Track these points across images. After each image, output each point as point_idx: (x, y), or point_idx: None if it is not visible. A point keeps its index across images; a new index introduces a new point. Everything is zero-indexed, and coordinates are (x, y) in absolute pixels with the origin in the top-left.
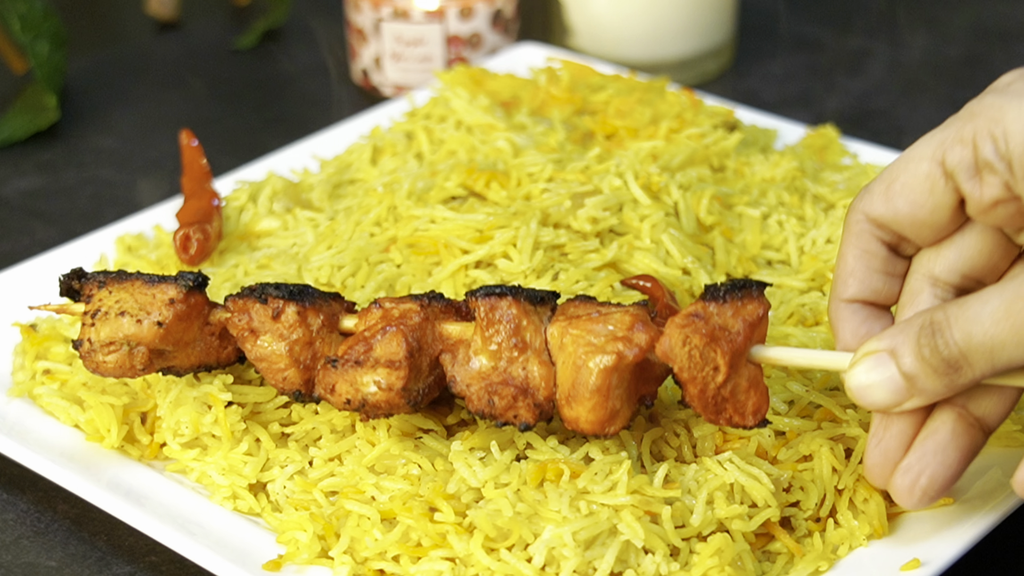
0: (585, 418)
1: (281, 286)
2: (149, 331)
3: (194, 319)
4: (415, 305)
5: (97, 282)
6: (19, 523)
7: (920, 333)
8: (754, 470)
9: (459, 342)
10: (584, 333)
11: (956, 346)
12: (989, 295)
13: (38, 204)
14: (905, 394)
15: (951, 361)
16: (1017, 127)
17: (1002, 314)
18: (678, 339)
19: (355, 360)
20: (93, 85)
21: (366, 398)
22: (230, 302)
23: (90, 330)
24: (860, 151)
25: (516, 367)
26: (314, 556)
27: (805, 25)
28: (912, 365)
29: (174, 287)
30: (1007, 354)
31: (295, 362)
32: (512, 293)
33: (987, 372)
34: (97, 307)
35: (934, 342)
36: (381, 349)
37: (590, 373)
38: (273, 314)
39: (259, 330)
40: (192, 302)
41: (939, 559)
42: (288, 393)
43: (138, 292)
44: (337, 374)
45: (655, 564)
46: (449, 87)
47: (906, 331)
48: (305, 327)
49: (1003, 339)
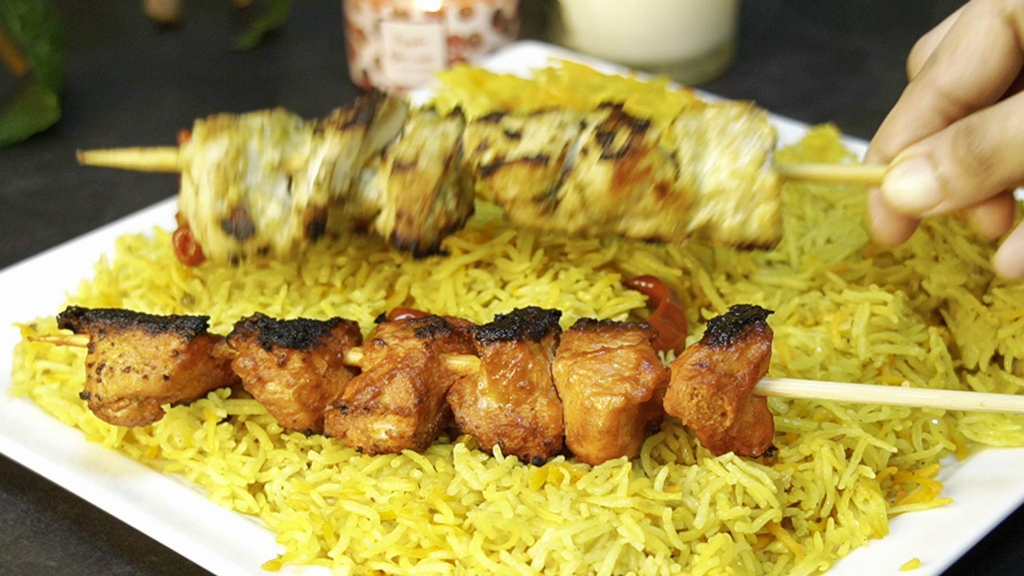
0: (596, 456)
1: (284, 331)
2: (156, 385)
3: (198, 361)
4: (419, 343)
5: (98, 329)
6: (19, 523)
7: (956, 135)
8: (756, 471)
9: (465, 378)
10: (591, 373)
11: (990, 142)
12: (1021, 97)
13: (38, 204)
14: (938, 196)
15: (984, 158)
16: None
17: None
18: (686, 393)
19: (364, 406)
20: (93, 85)
21: (377, 444)
22: (233, 341)
23: (97, 385)
24: (860, 151)
25: (524, 408)
26: (313, 556)
27: (805, 25)
28: (948, 166)
29: (176, 337)
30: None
31: (304, 406)
32: (516, 335)
33: (1018, 170)
34: (101, 361)
35: (969, 140)
36: (390, 396)
37: (599, 415)
38: (279, 362)
39: (266, 378)
40: (195, 348)
41: (939, 559)
42: (299, 431)
43: (140, 344)
44: (347, 420)
45: (656, 567)
46: (449, 87)
47: (943, 135)
48: (312, 372)
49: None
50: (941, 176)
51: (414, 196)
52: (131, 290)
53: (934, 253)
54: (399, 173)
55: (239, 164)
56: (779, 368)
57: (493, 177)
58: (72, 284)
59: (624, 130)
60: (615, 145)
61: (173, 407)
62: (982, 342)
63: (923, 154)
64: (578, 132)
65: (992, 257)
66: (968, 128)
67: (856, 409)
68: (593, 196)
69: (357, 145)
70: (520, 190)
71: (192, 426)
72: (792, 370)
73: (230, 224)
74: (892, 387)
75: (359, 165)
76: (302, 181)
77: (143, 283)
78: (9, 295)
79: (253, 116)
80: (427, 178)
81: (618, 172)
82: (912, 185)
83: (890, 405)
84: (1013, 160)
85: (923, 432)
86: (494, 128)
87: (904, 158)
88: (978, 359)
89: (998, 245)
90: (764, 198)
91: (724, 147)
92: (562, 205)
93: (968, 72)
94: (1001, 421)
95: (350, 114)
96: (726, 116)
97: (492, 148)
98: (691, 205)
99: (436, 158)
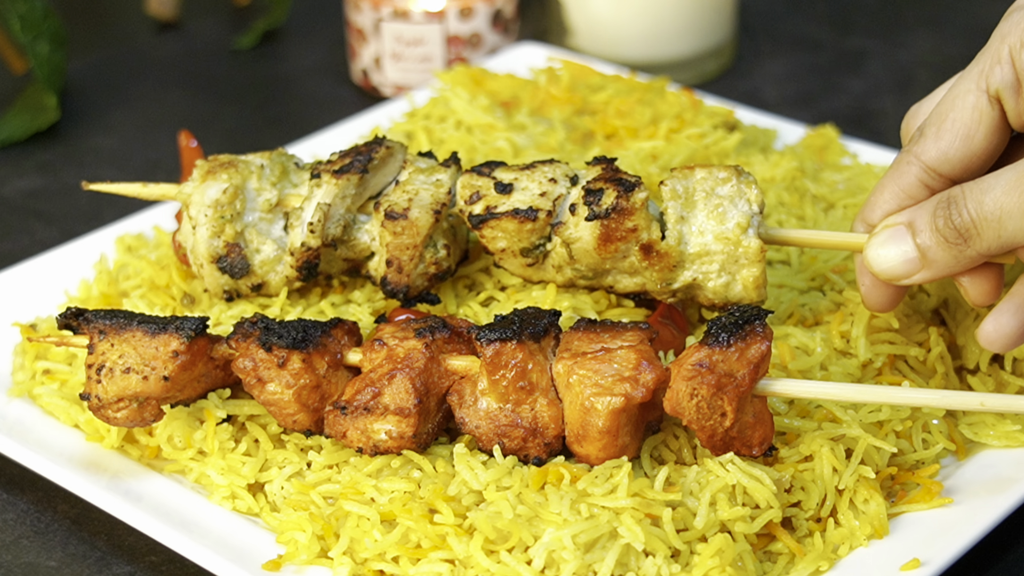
0: (596, 456)
1: (284, 332)
2: (156, 386)
3: (198, 362)
4: (419, 344)
5: (97, 330)
6: (19, 523)
7: (937, 207)
8: (756, 471)
9: (465, 379)
10: (591, 373)
11: (968, 214)
12: (1002, 171)
13: (38, 204)
14: (916, 265)
15: (962, 230)
16: None
17: (1012, 185)
18: (685, 393)
19: (364, 407)
20: (93, 85)
21: (377, 444)
22: (233, 341)
23: (97, 386)
24: (860, 151)
25: (524, 408)
26: (313, 556)
27: (805, 25)
28: (927, 236)
29: (176, 338)
30: (1013, 224)
31: (304, 407)
32: (516, 335)
33: (993, 244)
34: (101, 362)
35: (948, 212)
36: (390, 397)
37: (599, 416)
38: (279, 363)
39: (266, 378)
40: (195, 349)
41: (939, 559)
42: (299, 432)
43: (140, 345)
44: (347, 421)
45: (656, 567)
46: (449, 87)
47: (925, 206)
48: (312, 373)
49: (1010, 209)
50: (920, 246)
51: (404, 245)
52: (131, 290)
53: None
54: (390, 222)
55: (237, 204)
56: (779, 368)
57: (483, 228)
58: (72, 284)
59: (611, 190)
60: (602, 204)
61: (173, 408)
62: None
63: (903, 223)
64: (568, 188)
65: (974, 331)
66: (948, 200)
67: (856, 409)
68: (580, 252)
69: (352, 191)
70: (509, 242)
71: (192, 426)
72: (792, 370)
73: (225, 262)
74: (892, 387)
75: (353, 210)
76: (297, 224)
77: (143, 283)
78: (9, 295)
79: (254, 155)
80: (418, 228)
81: (604, 231)
82: (892, 253)
83: (890, 405)
84: (990, 234)
85: (923, 432)
86: (486, 180)
87: (886, 226)
88: (978, 359)
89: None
90: (749, 262)
91: (711, 210)
92: (550, 258)
93: (954, 148)
94: (1001, 421)
95: (347, 159)
96: (714, 178)
97: (483, 200)
98: (676, 265)
99: (427, 208)
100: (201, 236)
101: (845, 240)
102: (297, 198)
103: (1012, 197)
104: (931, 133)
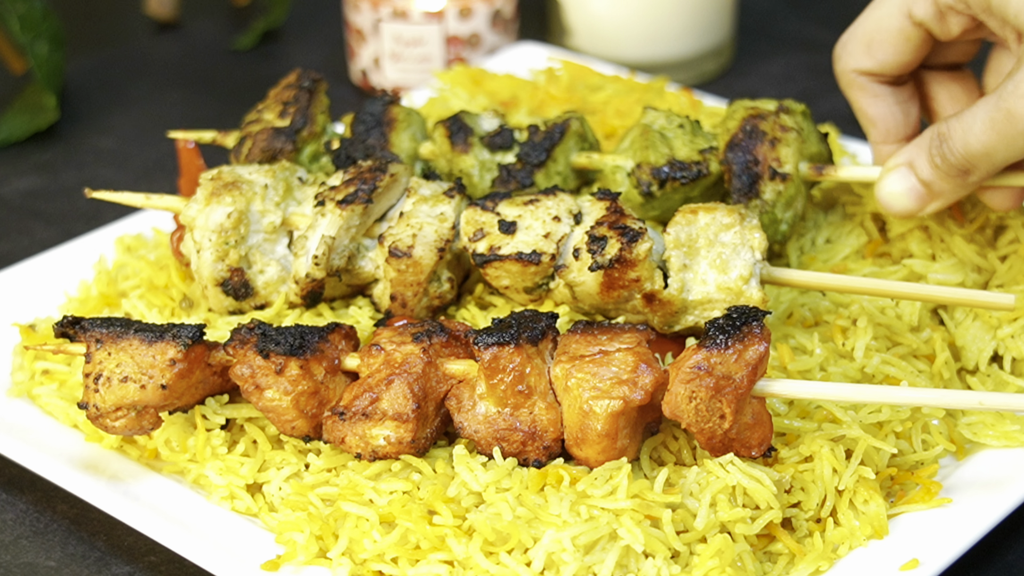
0: (595, 459)
1: (281, 338)
2: (154, 394)
3: (196, 370)
4: (417, 348)
5: (94, 339)
6: (19, 523)
7: (931, 145)
8: (756, 472)
9: (463, 383)
10: (589, 377)
11: (959, 154)
12: (977, 108)
13: (38, 204)
14: (927, 199)
15: (960, 166)
16: None
17: (989, 124)
18: (684, 396)
19: (362, 412)
20: (92, 85)
21: (375, 450)
22: (230, 348)
23: (95, 396)
24: (860, 151)
25: (523, 412)
26: (312, 557)
27: (804, 25)
28: (928, 172)
29: (173, 346)
30: (1001, 156)
31: (302, 413)
32: (514, 339)
33: (991, 170)
34: (99, 371)
35: (942, 151)
36: (388, 402)
37: (597, 419)
38: (276, 369)
39: (263, 385)
40: (192, 357)
41: (939, 559)
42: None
43: (137, 353)
44: (346, 427)
45: (656, 568)
46: (448, 87)
47: (919, 144)
48: (309, 379)
49: (995, 144)
50: (924, 181)
51: (408, 282)
52: (130, 290)
53: (932, 252)
54: (394, 260)
55: (241, 228)
56: (779, 369)
57: (487, 268)
58: (71, 284)
59: (615, 240)
60: (605, 255)
61: (171, 414)
62: (981, 342)
63: (904, 163)
64: (572, 226)
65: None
66: (939, 137)
67: (856, 410)
68: (583, 294)
69: (356, 221)
70: (512, 281)
71: (188, 431)
72: (792, 371)
73: (229, 285)
74: (892, 387)
75: (358, 239)
76: (302, 253)
77: (142, 283)
78: (8, 295)
79: (259, 172)
80: (421, 267)
81: (608, 279)
82: (901, 190)
83: (890, 405)
84: (984, 165)
85: (923, 433)
86: (490, 216)
87: (888, 168)
88: (977, 359)
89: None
90: None
91: (713, 259)
92: (553, 295)
93: (888, 61)
94: (1000, 421)
95: (351, 187)
96: (718, 224)
97: (487, 239)
98: (678, 311)
99: (431, 246)
100: (205, 260)
101: (846, 284)
102: (301, 217)
103: (992, 135)
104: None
